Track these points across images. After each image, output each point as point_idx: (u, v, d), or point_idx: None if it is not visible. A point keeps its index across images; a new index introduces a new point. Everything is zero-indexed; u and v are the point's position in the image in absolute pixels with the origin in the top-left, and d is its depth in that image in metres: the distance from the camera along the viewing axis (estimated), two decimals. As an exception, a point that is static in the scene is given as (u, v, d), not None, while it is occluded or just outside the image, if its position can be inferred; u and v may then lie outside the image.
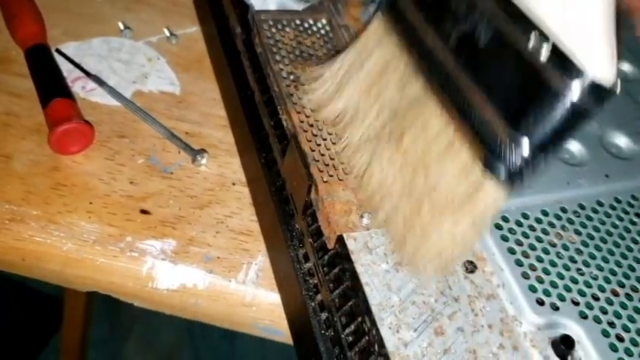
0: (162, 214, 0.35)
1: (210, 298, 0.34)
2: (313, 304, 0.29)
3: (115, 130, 0.39)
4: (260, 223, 0.36)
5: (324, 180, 0.30)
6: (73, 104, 0.37)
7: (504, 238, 0.28)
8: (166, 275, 0.33)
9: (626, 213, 0.31)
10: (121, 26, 0.45)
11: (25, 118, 0.39)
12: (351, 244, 0.28)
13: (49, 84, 0.38)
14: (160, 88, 0.42)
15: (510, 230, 0.29)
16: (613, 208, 0.31)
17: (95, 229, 0.34)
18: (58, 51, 0.42)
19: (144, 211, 0.35)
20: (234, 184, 0.38)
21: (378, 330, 0.25)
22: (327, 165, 0.30)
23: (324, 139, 0.31)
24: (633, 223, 0.31)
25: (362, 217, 0.29)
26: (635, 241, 0.30)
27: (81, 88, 0.41)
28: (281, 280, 0.33)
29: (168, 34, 0.45)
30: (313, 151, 0.31)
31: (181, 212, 0.36)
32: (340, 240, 0.28)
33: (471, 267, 0.28)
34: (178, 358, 1.16)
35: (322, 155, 0.31)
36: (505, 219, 0.29)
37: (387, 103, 0.29)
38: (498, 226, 0.29)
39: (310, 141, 0.31)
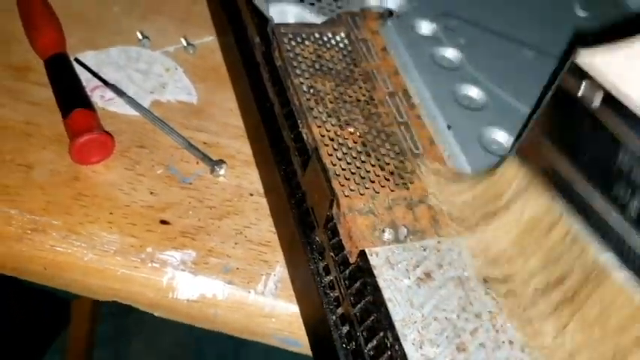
0: (182, 225, 0.36)
1: (229, 309, 0.34)
2: (334, 317, 0.29)
3: (134, 140, 0.39)
4: (278, 235, 0.36)
5: (346, 194, 0.30)
6: (93, 114, 0.38)
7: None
8: (186, 286, 0.34)
9: None
10: (140, 36, 0.45)
11: (45, 128, 0.39)
12: (373, 259, 0.28)
13: (70, 94, 0.39)
14: (178, 98, 0.42)
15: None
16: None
17: (116, 240, 0.35)
18: (77, 60, 0.42)
19: (164, 222, 0.36)
20: (251, 194, 0.38)
21: (401, 345, 0.25)
22: (348, 179, 0.31)
23: (345, 154, 0.32)
24: None
25: (383, 232, 0.29)
26: None
27: (100, 97, 0.41)
28: (300, 292, 0.33)
29: (185, 43, 0.45)
30: (334, 165, 0.31)
31: (200, 223, 0.36)
32: (362, 255, 0.28)
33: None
34: (183, 358, 1.16)
35: (343, 170, 0.31)
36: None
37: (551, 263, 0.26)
38: (518, 242, 0.29)
39: (331, 155, 0.32)
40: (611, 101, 0.21)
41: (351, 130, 0.33)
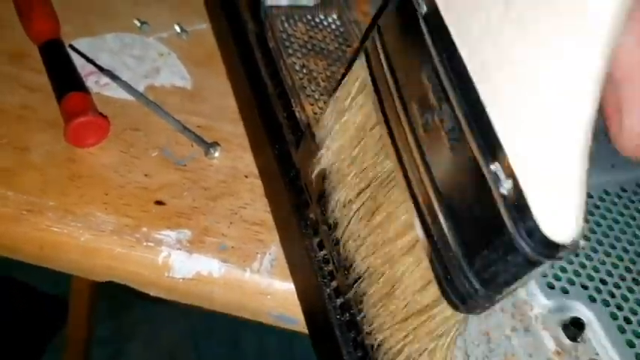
0: (177, 205, 0.36)
1: (225, 287, 0.34)
2: (328, 290, 0.30)
3: (129, 123, 0.40)
4: (273, 214, 0.37)
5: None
6: (88, 98, 0.38)
7: (515, 225, 0.29)
8: (182, 264, 0.34)
9: (632, 202, 0.32)
10: (137, 23, 0.46)
11: (41, 112, 0.39)
12: (366, 232, 0.28)
13: (64, 78, 0.39)
14: (172, 82, 0.43)
15: (520, 217, 0.29)
16: (619, 197, 0.32)
17: (111, 220, 0.35)
18: (72, 47, 0.43)
19: (159, 202, 0.36)
20: (246, 176, 0.39)
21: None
22: (341, 155, 0.31)
23: (338, 130, 0.32)
24: (639, 211, 0.32)
25: (376, 205, 0.29)
26: (641, 229, 0.31)
27: (94, 82, 0.41)
28: (295, 269, 0.34)
29: (179, 29, 0.46)
30: (327, 141, 0.31)
31: (195, 203, 0.36)
32: (356, 227, 0.29)
33: (482, 253, 0.28)
34: (181, 358, 1.16)
35: (336, 145, 0.31)
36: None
37: (365, 169, 0.26)
38: (509, 214, 0.29)
39: (324, 132, 0.32)
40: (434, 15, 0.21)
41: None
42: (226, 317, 0.36)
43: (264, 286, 0.34)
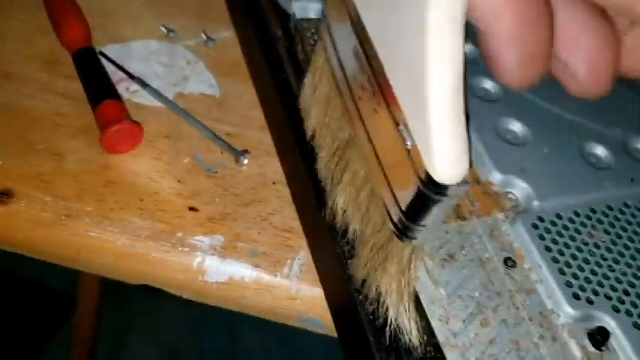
0: (209, 211, 0.37)
1: (256, 292, 0.36)
2: (361, 297, 0.31)
3: (160, 130, 0.41)
4: (301, 221, 0.38)
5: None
6: (122, 105, 0.39)
7: (541, 237, 0.30)
8: (216, 269, 0.35)
9: (651, 214, 0.33)
10: (164, 30, 0.47)
11: (74, 118, 0.40)
12: (399, 242, 0.30)
13: (99, 86, 0.40)
14: (200, 90, 0.44)
15: (546, 230, 0.31)
16: (638, 209, 0.33)
17: (147, 225, 0.36)
18: (102, 53, 0.44)
19: (192, 208, 0.37)
20: (274, 183, 0.40)
21: (428, 321, 0.27)
22: (373, 167, 0.32)
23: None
24: (658, 224, 0.33)
25: (408, 216, 0.31)
26: (660, 241, 0.32)
27: (125, 89, 0.43)
28: (325, 275, 0.35)
29: (205, 38, 0.47)
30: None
31: (227, 209, 0.38)
32: (388, 237, 0.30)
33: (511, 263, 0.30)
34: (182, 353, 1.18)
35: (368, 157, 0.33)
36: (541, 219, 0.31)
37: (335, 133, 0.31)
38: (535, 226, 0.31)
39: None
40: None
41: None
42: (227, 311, 0.38)
43: (294, 291, 0.36)
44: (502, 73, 0.22)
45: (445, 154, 0.21)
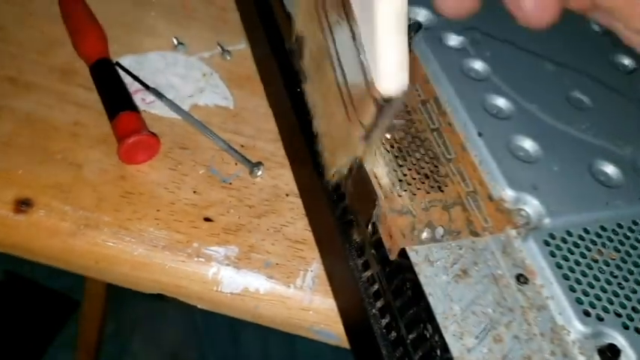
0: (224, 222, 0.38)
1: (270, 302, 0.36)
2: (374, 310, 0.32)
3: (176, 141, 0.41)
4: (314, 233, 0.39)
5: (386, 195, 0.32)
6: (139, 117, 0.40)
7: (552, 254, 0.31)
8: (231, 280, 0.36)
9: (660, 232, 0.34)
10: (175, 42, 0.47)
11: (92, 128, 0.41)
12: (413, 257, 0.30)
13: (116, 97, 0.41)
14: (215, 102, 0.45)
15: (557, 247, 0.31)
16: (647, 227, 0.34)
17: (164, 235, 0.37)
18: (118, 64, 0.44)
19: (207, 219, 0.38)
20: (287, 195, 0.40)
21: (442, 336, 0.28)
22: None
23: (383, 157, 0.34)
24: (667, 242, 0.33)
25: (422, 231, 0.31)
26: (669, 260, 0.32)
27: (141, 100, 0.43)
28: (338, 287, 0.36)
29: (220, 50, 0.47)
30: (373, 168, 0.33)
31: (241, 221, 0.38)
32: (403, 252, 0.30)
33: (523, 279, 0.30)
34: (183, 356, 1.18)
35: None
36: (552, 236, 0.32)
37: (313, 38, 0.34)
38: (546, 243, 0.31)
39: (369, 158, 0.34)
40: None
41: (388, 135, 0.35)
42: (228, 316, 0.38)
43: (307, 303, 0.36)
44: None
45: (390, 72, 0.25)
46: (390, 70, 0.25)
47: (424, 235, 0.31)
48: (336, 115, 0.32)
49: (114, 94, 0.41)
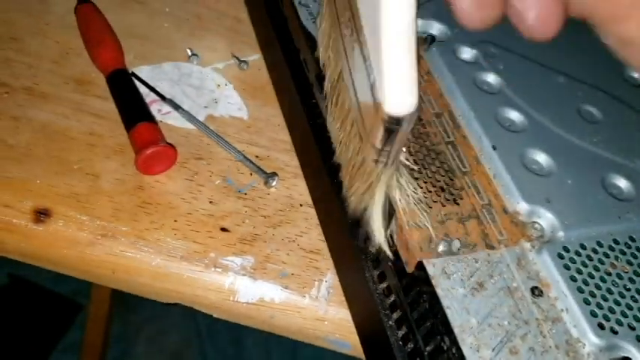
0: (240, 232, 0.38)
1: (285, 312, 0.37)
2: (390, 322, 0.32)
3: (192, 152, 0.42)
4: (328, 244, 0.39)
5: (402, 208, 0.33)
6: (156, 127, 0.40)
7: (566, 267, 0.31)
8: (247, 290, 0.36)
9: (672, 246, 0.34)
10: (189, 52, 0.48)
11: (108, 139, 0.42)
12: (430, 270, 0.31)
13: (134, 108, 0.41)
14: (230, 113, 0.45)
15: (571, 260, 0.32)
16: (659, 241, 0.34)
17: (181, 246, 0.37)
18: (134, 74, 0.45)
19: (224, 229, 0.38)
20: (301, 205, 0.41)
21: (459, 349, 0.28)
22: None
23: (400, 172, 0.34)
24: (678, 255, 0.34)
25: (438, 244, 0.32)
26: (681, 273, 0.33)
27: (157, 110, 0.44)
28: (353, 298, 0.36)
29: (236, 61, 0.48)
30: (390, 181, 0.34)
31: (256, 231, 0.39)
32: (420, 265, 0.31)
33: (537, 292, 0.31)
34: (187, 359, 1.19)
35: (398, 185, 0.34)
36: (566, 249, 0.32)
37: (334, 67, 0.35)
38: (560, 256, 0.32)
39: (386, 171, 0.34)
40: None
41: (403, 148, 0.36)
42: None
43: (322, 313, 0.37)
44: (459, 14, 0.25)
45: (400, 94, 0.25)
46: (396, 89, 0.25)
47: (441, 247, 0.32)
48: (352, 141, 0.32)
49: (131, 104, 0.42)
